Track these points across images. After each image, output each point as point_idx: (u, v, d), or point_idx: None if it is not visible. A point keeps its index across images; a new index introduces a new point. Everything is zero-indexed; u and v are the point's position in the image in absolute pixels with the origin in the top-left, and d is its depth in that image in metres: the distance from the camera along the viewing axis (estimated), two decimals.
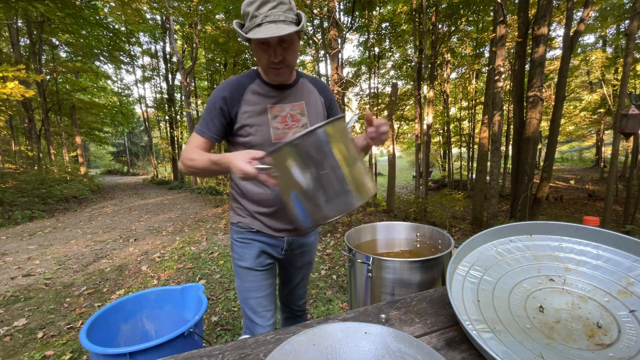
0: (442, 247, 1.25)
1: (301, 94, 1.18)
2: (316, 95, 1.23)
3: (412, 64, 10.38)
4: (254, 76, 1.14)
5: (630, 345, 0.57)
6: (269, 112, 1.12)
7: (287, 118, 1.14)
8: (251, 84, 1.12)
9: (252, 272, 1.21)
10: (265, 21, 0.96)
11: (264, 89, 1.12)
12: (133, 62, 16.68)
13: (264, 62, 1.04)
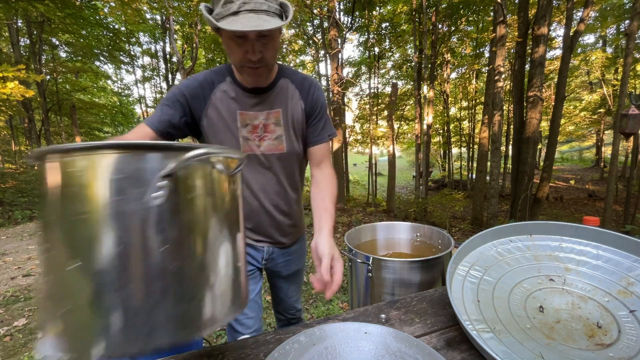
0: (442, 247, 1.25)
1: (279, 100, 0.99)
2: (297, 100, 1.01)
3: (412, 64, 10.38)
4: (224, 73, 0.97)
5: (630, 345, 0.57)
6: (239, 119, 0.96)
7: (258, 128, 0.98)
8: (221, 83, 0.96)
9: None
10: (243, 9, 0.77)
11: (235, 91, 0.96)
12: (133, 62, 16.68)
13: (238, 59, 0.85)
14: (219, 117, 0.96)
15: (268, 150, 1.00)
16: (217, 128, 0.96)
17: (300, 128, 1.04)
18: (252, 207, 1.06)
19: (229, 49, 0.86)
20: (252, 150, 0.99)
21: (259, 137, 0.99)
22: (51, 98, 13.02)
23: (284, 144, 1.01)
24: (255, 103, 0.97)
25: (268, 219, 1.09)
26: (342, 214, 6.38)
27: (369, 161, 11.25)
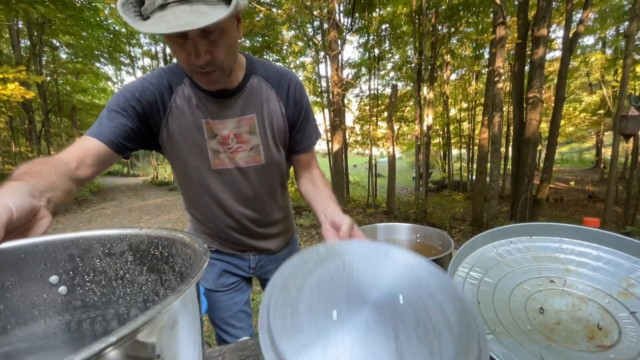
0: (442, 249, 1.25)
1: (252, 103, 0.83)
2: (274, 101, 0.86)
3: (412, 66, 10.40)
4: (181, 74, 0.80)
5: (630, 347, 0.57)
6: (205, 129, 0.81)
7: (229, 139, 0.83)
8: (180, 86, 0.79)
9: (215, 294, 1.03)
10: (171, 1, 0.59)
11: (196, 96, 0.79)
12: (133, 64, 16.71)
13: (183, 61, 0.69)
14: (181, 129, 0.80)
15: (244, 163, 0.86)
16: (180, 142, 0.81)
17: (282, 136, 0.89)
18: (226, 223, 0.95)
19: (174, 53, 0.70)
20: (224, 165, 0.85)
21: (231, 150, 0.84)
22: (51, 99, 13.05)
23: (262, 155, 0.87)
24: (222, 108, 0.80)
25: (246, 233, 0.98)
26: None
27: (369, 162, 11.26)
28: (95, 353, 0.20)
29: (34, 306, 0.46)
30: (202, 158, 0.84)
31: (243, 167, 0.87)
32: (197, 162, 0.84)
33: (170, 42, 0.68)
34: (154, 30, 0.58)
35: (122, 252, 0.52)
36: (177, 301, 0.28)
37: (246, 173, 0.88)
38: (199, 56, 0.66)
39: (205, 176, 0.86)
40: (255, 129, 0.84)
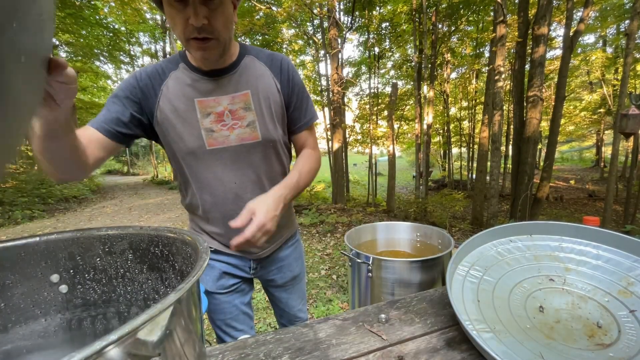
0: (442, 247, 1.25)
1: (245, 80, 0.85)
2: (268, 78, 0.88)
3: (412, 64, 10.38)
4: (177, 60, 0.84)
5: (630, 345, 0.57)
6: (198, 108, 0.82)
7: (224, 115, 0.84)
8: (173, 71, 0.83)
9: (215, 296, 1.01)
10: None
11: (189, 76, 0.82)
12: (133, 62, 16.68)
13: (181, 29, 0.71)
14: (173, 109, 0.81)
15: (240, 141, 0.86)
16: (173, 122, 0.82)
17: (279, 111, 0.90)
18: (224, 213, 0.90)
19: (171, 21, 0.72)
20: (219, 144, 0.84)
21: (227, 126, 0.84)
22: None
23: (258, 131, 0.87)
24: (215, 87, 0.83)
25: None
26: (342, 214, 6.38)
27: (369, 161, 11.26)
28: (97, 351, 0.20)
29: (35, 304, 0.46)
30: (197, 139, 0.83)
31: (239, 145, 0.86)
32: (192, 143, 0.83)
33: (170, 8, 0.70)
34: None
35: (123, 251, 0.52)
36: (177, 299, 0.28)
37: (242, 152, 0.87)
38: (198, 17, 0.69)
39: (201, 158, 0.85)
40: (250, 104, 0.85)
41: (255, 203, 0.75)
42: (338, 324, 0.73)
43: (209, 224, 0.95)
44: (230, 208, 0.90)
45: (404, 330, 0.69)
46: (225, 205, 0.91)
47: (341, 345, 0.65)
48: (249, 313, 1.10)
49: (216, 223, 0.94)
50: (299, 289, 1.18)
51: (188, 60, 0.83)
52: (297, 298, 1.17)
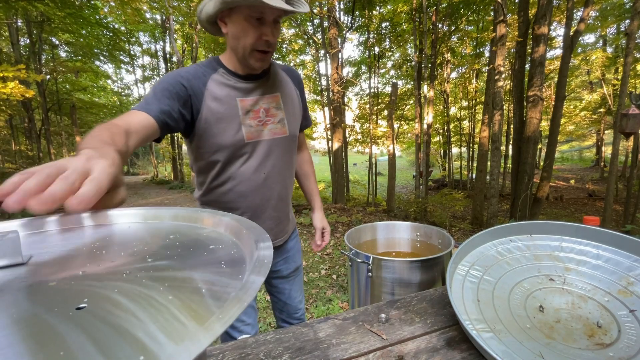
0: (442, 247, 1.25)
1: (276, 84, 1.00)
2: (291, 86, 1.07)
3: (412, 64, 10.38)
4: (214, 65, 0.94)
5: (630, 345, 0.57)
6: (239, 107, 0.93)
7: (260, 112, 0.96)
8: (213, 74, 0.92)
9: None
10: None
11: (230, 79, 0.93)
12: (133, 62, 16.69)
13: (252, 41, 0.84)
14: (218, 107, 0.91)
15: (273, 135, 1.00)
16: (217, 118, 0.92)
17: (298, 113, 1.08)
18: (250, 203, 1.01)
19: (242, 32, 0.85)
20: (256, 137, 0.97)
21: (262, 122, 0.97)
22: (51, 98, 13.03)
23: (286, 127, 1.02)
24: (252, 88, 0.96)
25: (271, 210, 1.06)
26: (342, 214, 6.38)
27: (369, 161, 11.26)
28: None
29: None
30: (237, 132, 0.94)
31: (271, 139, 1.00)
32: (233, 137, 0.93)
33: (246, 23, 0.84)
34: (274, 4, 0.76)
35: None
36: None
37: (273, 145, 1.00)
38: (273, 35, 0.86)
39: (239, 150, 0.96)
40: (280, 104, 1.01)
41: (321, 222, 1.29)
42: (338, 323, 0.73)
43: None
44: (257, 198, 1.02)
45: (404, 330, 0.69)
46: (253, 195, 1.01)
47: (341, 345, 0.65)
48: (255, 307, 1.18)
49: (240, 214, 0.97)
50: (299, 281, 1.30)
51: (224, 66, 0.94)
52: (298, 290, 1.29)
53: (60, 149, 15.80)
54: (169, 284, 0.27)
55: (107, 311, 0.22)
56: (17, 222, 0.43)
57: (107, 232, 0.43)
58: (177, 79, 0.87)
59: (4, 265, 0.32)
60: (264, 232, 0.37)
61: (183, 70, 0.90)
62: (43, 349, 0.18)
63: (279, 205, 1.08)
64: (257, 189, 1.01)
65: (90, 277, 0.29)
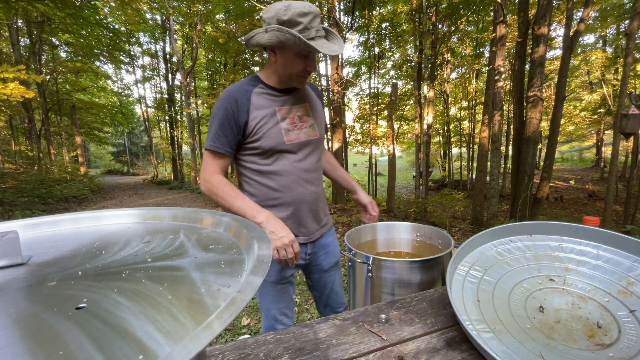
0: (442, 247, 1.25)
1: (305, 96, 1.22)
2: (315, 97, 1.28)
3: (412, 64, 10.38)
4: (255, 82, 1.14)
5: (630, 345, 0.57)
6: (278, 114, 1.13)
7: (295, 119, 1.16)
8: (254, 89, 1.12)
9: (277, 286, 1.23)
10: (317, 35, 1.02)
11: (269, 92, 1.13)
12: (133, 62, 16.68)
13: (298, 70, 1.07)
14: (261, 116, 1.10)
15: (307, 137, 1.18)
16: (261, 125, 1.10)
17: (323, 120, 1.28)
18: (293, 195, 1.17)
19: (291, 63, 1.06)
20: (293, 140, 1.14)
21: (297, 127, 1.16)
22: (51, 98, 13.02)
23: (317, 130, 1.21)
24: (287, 99, 1.15)
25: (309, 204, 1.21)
26: (342, 214, 6.38)
27: (369, 161, 11.24)
28: None
29: None
30: (278, 136, 1.11)
31: (305, 141, 1.17)
32: (276, 140, 1.11)
33: (297, 57, 1.05)
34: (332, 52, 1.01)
35: None
36: None
37: (307, 145, 1.19)
38: (315, 67, 1.10)
39: (281, 151, 1.13)
40: (309, 112, 1.21)
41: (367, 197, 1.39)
42: (338, 324, 0.73)
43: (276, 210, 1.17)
44: (299, 191, 1.18)
45: (404, 330, 0.69)
46: (295, 188, 1.17)
47: (341, 345, 0.65)
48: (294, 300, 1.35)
49: (285, 207, 1.17)
50: (340, 276, 1.40)
51: (263, 81, 1.14)
52: (340, 284, 1.39)
53: (60, 149, 15.80)
54: (168, 284, 0.27)
55: (107, 311, 0.22)
56: (17, 222, 0.42)
57: (106, 232, 0.43)
58: (227, 105, 1.06)
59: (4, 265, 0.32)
60: (264, 233, 0.37)
61: (230, 90, 1.10)
62: (42, 348, 0.18)
63: (316, 199, 1.22)
64: (297, 184, 1.17)
65: (90, 277, 0.29)
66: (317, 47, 0.97)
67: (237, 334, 2.30)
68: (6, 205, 7.07)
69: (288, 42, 0.98)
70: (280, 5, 0.98)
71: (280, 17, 0.97)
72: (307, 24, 0.98)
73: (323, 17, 7.68)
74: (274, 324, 1.25)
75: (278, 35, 0.98)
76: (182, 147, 17.97)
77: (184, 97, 12.15)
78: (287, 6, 0.97)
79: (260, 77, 1.15)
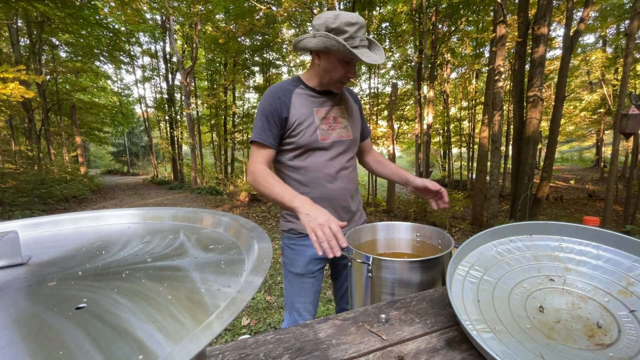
0: (442, 247, 1.25)
1: (341, 99, 1.29)
2: (351, 101, 1.34)
3: (412, 64, 10.38)
4: (297, 82, 1.24)
5: (630, 346, 0.57)
6: (315, 114, 1.20)
7: (330, 120, 1.24)
8: (296, 89, 1.21)
9: (302, 279, 1.28)
10: (361, 45, 1.08)
11: (308, 94, 1.22)
12: (133, 62, 16.68)
13: (339, 76, 1.14)
14: (301, 115, 1.18)
15: (339, 137, 1.24)
16: (300, 123, 1.18)
17: (358, 122, 1.34)
18: (323, 191, 1.23)
19: (333, 68, 1.13)
20: (326, 139, 1.21)
21: (332, 127, 1.23)
22: (51, 98, 13.02)
23: (350, 132, 1.28)
24: (325, 101, 1.23)
25: (338, 199, 1.26)
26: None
27: None
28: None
29: None
30: (313, 134, 1.19)
31: (338, 140, 1.24)
32: (311, 138, 1.18)
33: (339, 63, 1.12)
34: (365, 59, 1.05)
35: None
36: None
37: (339, 145, 1.25)
38: (355, 74, 1.16)
39: (315, 148, 1.21)
40: (344, 114, 1.27)
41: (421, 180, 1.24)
42: (338, 324, 0.73)
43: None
44: (328, 187, 1.24)
45: (404, 330, 0.69)
46: (324, 185, 1.24)
47: (341, 345, 0.65)
48: (318, 298, 1.35)
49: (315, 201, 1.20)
50: None
51: (304, 83, 1.22)
52: None
53: (60, 149, 15.80)
54: (168, 284, 0.27)
55: (107, 311, 0.22)
56: (17, 222, 0.43)
57: (106, 232, 0.43)
58: (272, 102, 1.15)
59: (4, 265, 0.32)
60: (264, 232, 0.37)
61: (274, 88, 1.19)
62: (42, 348, 0.18)
63: (344, 196, 1.28)
64: (325, 181, 1.23)
65: (90, 277, 0.29)
66: (359, 55, 1.04)
67: (237, 334, 2.30)
68: (6, 205, 7.07)
69: (333, 48, 1.06)
70: (330, 14, 1.06)
71: (329, 25, 1.05)
72: (352, 33, 1.05)
73: None
74: (296, 318, 1.28)
75: (325, 41, 1.06)
76: (182, 147, 17.97)
77: (183, 97, 12.16)
78: (336, 15, 1.06)
79: (302, 79, 1.24)
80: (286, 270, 1.32)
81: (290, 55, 13.10)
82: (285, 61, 14.28)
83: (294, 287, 1.29)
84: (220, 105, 15.27)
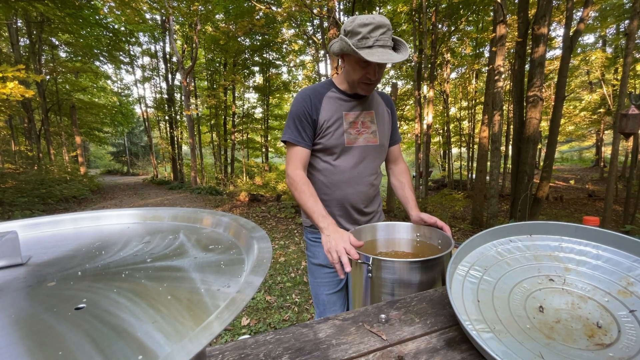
0: (442, 247, 1.25)
1: (372, 104, 1.28)
2: (383, 107, 1.34)
3: (412, 64, 10.39)
4: (329, 85, 1.25)
5: (630, 345, 0.57)
6: (344, 118, 1.21)
7: (358, 124, 1.24)
8: (327, 92, 1.23)
9: (324, 269, 1.30)
10: (376, 44, 1.05)
11: (339, 97, 1.23)
12: (133, 62, 16.68)
13: (358, 77, 1.14)
14: (330, 117, 1.20)
15: (365, 142, 1.25)
16: (329, 125, 1.20)
17: (388, 129, 1.33)
18: (343, 193, 1.25)
19: (352, 70, 1.14)
20: (352, 143, 1.23)
21: (359, 132, 1.24)
22: (51, 98, 13.01)
23: (377, 138, 1.28)
24: (354, 105, 1.24)
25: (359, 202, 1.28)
26: None
27: None
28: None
29: None
30: (340, 137, 1.21)
31: (364, 145, 1.25)
32: (338, 140, 1.20)
33: (357, 64, 1.11)
34: (373, 59, 1.01)
35: None
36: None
37: (365, 150, 1.26)
38: (375, 75, 1.13)
39: (340, 151, 1.23)
40: (373, 119, 1.27)
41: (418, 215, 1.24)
42: (338, 324, 0.73)
43: (325, 204, 1.24)
44: (348, 191, 1.26)
45: (404, 331, 0.69)
46: (346, 187, 1.26)
47: (341, 346, 0.65)
48: (345, 293, 1.35)
49: (334, 202, 1.27)
50: None
51: (336, 86, 1.24)
52: None
53: (60, 149, 15.79)
54: (167, 284, 0.27)
55: (106, 311, 0.22)
56: (17, 222, 0.42)
57: (106, 233, 0.43)
58: (304, 104, 1.18)
59: (4, 265, 0.32)
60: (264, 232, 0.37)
61: (305, 90, 1.22)
62: (42, 349, 0.18)
63: (364, 200, 1.30)
64: (346, 184, 1.25)
65: (90, 278, 0.29)
66: (363, 54, 1.02)
67: (237, 334, 2.30)
68: (6, 205, 7.06)
69: (344, 49, 1.09)
70: (351, 18, 1.09)
71: (346, 28, 1.08)
72: (365, 34, 1.05)
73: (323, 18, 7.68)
74: (323, 310, 1.30)
75: (340, 43, 1.09)
76: (182, 147, 17.97)
77: (183, 97, 12.15)
78: (354, 18, 1.08)
79: (334, 82, 1.25)
80: (310, 264, 1.35)
81: (290, 55, 13.09)
82: (285, 61, 14.28)
83: (316, 278, 1.32)
84: (220, 105, 15.28)
